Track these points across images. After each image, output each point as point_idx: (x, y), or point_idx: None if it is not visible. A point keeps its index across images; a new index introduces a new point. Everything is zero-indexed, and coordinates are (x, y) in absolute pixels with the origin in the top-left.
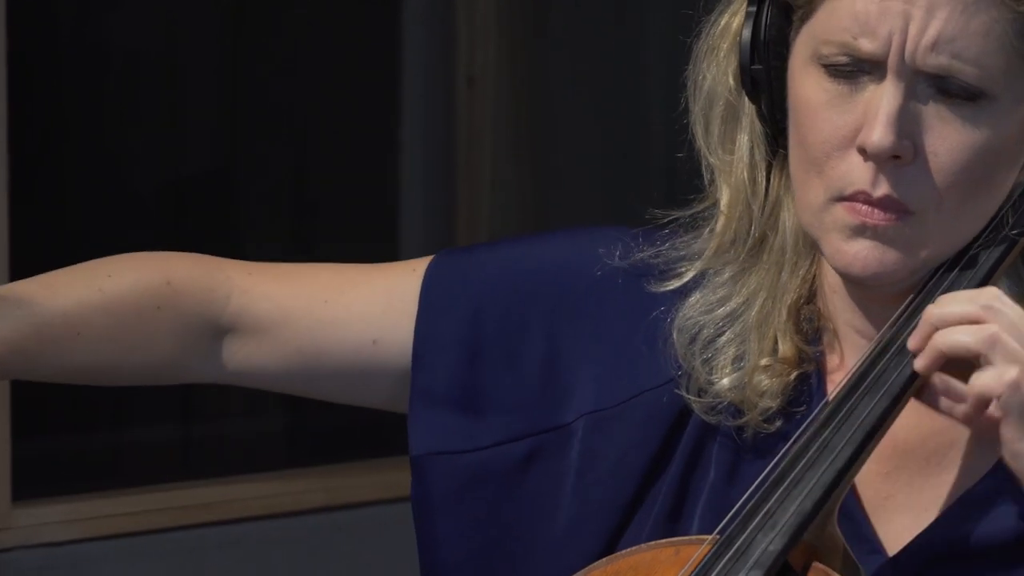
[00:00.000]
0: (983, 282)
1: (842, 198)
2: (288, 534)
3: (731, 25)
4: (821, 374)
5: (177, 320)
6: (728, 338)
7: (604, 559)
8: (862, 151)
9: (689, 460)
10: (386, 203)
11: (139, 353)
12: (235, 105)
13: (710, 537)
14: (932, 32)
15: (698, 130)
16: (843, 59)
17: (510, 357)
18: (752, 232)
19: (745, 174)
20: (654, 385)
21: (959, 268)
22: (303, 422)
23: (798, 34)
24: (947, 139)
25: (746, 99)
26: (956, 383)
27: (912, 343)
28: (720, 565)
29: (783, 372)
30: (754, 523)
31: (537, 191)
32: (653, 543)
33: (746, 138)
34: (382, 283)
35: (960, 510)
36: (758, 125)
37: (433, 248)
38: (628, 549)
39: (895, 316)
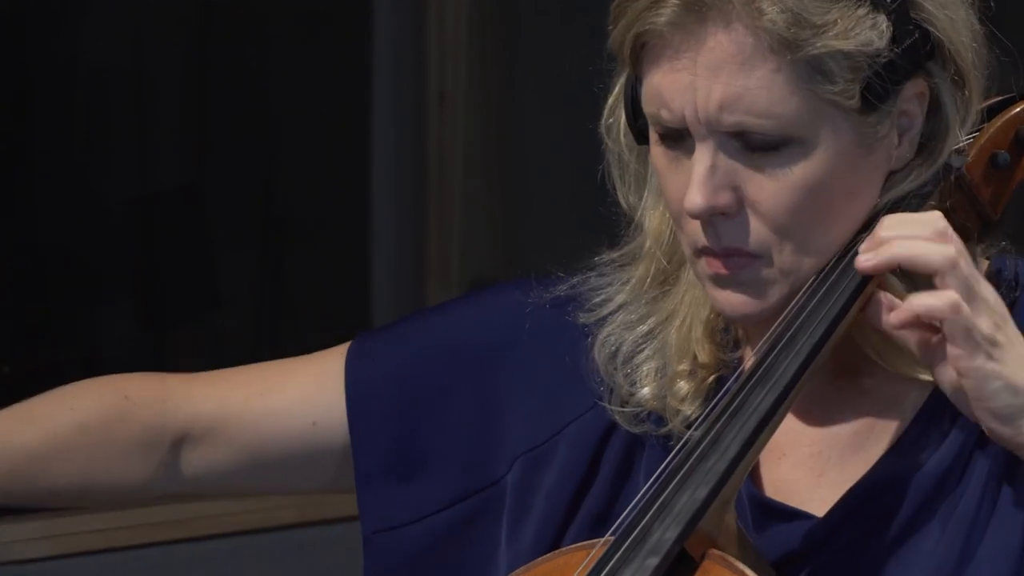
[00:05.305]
0: (859, 291)
1: (698, 251)
2: (259, 551)
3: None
4: None
5: (140, 432)
6: (648, 354)
7: (521, 568)
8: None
9: (618, 470)
10: (357, 218)
11: (114, 467)
12: (205, 121)
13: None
14: (716, 96)
15: (615, 182)
16: (659, 128)
17: (441, 424)
18: (671, 267)
19: (662, 215)
20: (579, 413)
21: (836, 273)
22: None
23: None
24: (765, 188)
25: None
26: (898, 300)
27: (864, 247)
28: (618, 555)
29: (702, 377)
30: (650, 513)
31: (508, 207)
32: (567, 548)
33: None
34: (312, 369)
35: (885, 461)
36: None
37: (404, 262)
38: (543, 556)
39: (783, 315)
